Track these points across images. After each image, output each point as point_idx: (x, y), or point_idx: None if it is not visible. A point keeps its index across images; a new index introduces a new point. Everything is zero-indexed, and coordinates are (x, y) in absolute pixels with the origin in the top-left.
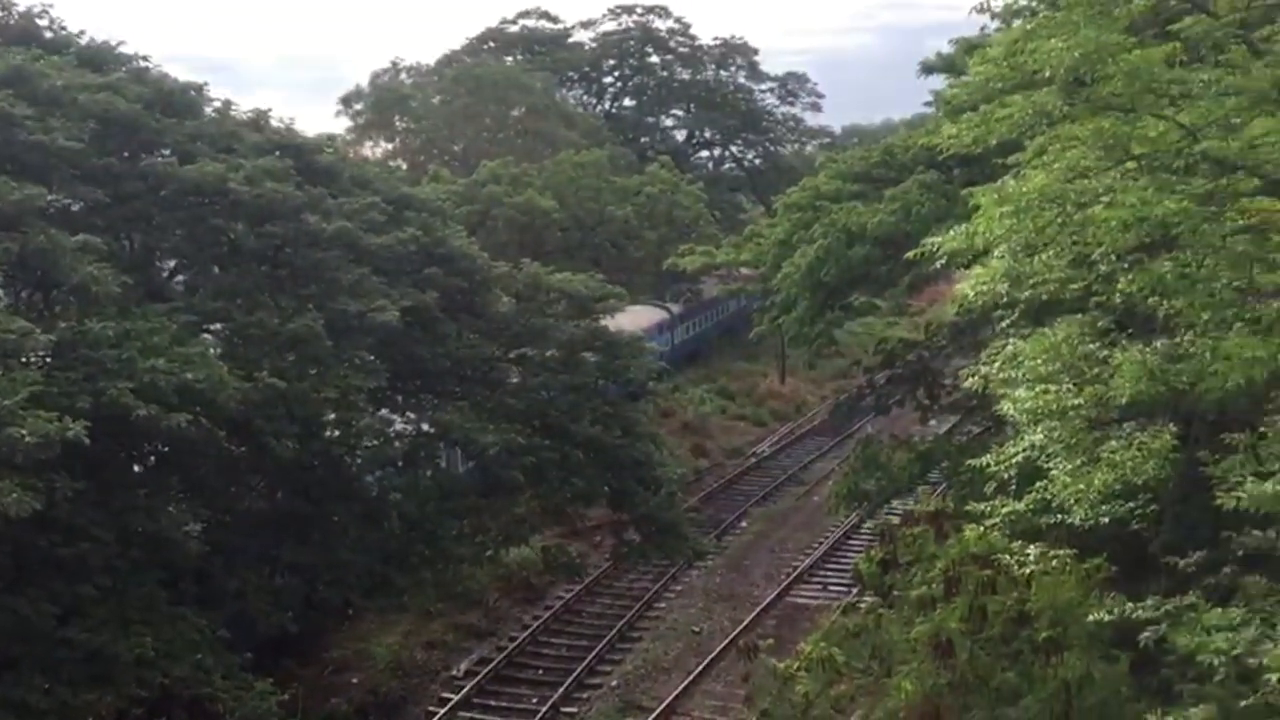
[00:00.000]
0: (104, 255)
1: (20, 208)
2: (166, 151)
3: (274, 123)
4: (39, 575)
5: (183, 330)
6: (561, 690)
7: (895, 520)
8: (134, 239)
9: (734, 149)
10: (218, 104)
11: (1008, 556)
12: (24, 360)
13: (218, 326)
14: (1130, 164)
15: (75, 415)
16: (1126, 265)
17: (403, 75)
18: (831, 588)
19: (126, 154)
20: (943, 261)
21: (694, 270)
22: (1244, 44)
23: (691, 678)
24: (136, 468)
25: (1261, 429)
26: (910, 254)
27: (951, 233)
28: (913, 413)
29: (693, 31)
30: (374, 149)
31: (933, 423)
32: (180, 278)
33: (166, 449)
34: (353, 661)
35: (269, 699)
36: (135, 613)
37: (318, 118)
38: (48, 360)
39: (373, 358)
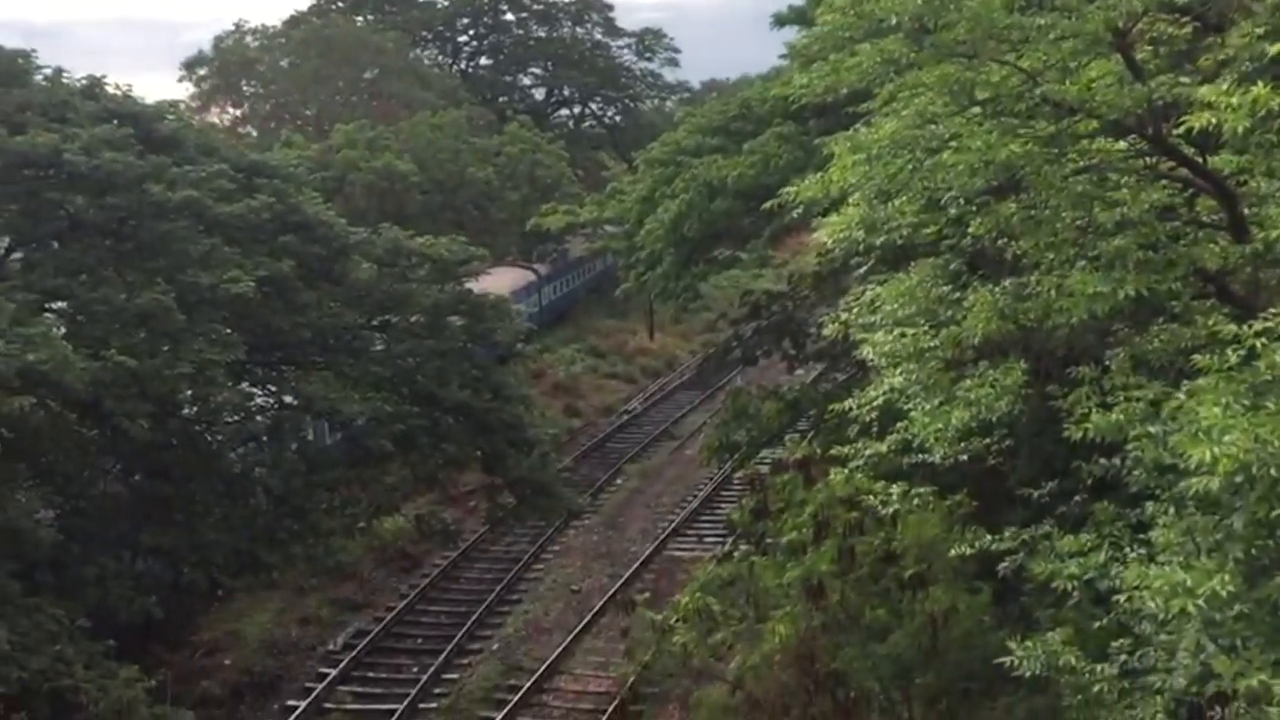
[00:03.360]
0: None
1: None
2: None
3: (110, 90)
4: None
5: (22, 310)
6: (442, 657)
7: (766, 469)
8: None
9: (593, 106)
10: (48, 72)
11: (873, 498)
12: None
13: (60, 305)
14: (975, 109)
15: None
16: (975, 208)
17: (248, 39)
18: (707, 539)
19: None
20: (800, 210)
21: (558, 230)
22: None
23: (572, 636)
24: None
25: (1105, 362)
26: (767, 204)
27: (807, 181)
28: (780, 363)
29: None
30: (221, 115)
31: (799, 372)
32: (16, 255)
33: (11, 435)
34: (224, 643)
35: (135, 686)
36: None
37: (159, 85)
38: None
39: (229, 331)
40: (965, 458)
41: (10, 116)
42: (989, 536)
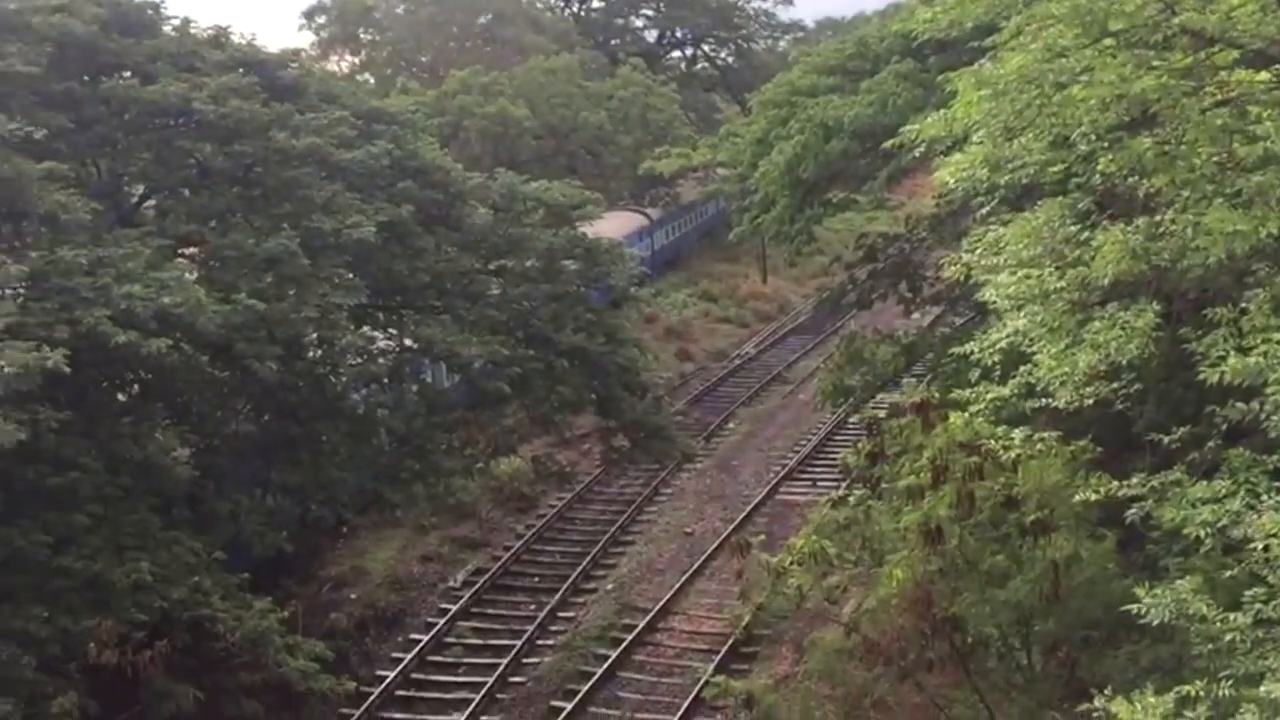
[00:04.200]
0: (71, 182)
1: None
2: (127, 73)
3: (235, 39)
4: (29, 506)
5: (156, 255)
6: (558, 596)
7: (882, 413)
8: (100, 165)
9: (706, 48)
10: (176, 22)
11: (994, 442)
12: None
13: (192, 250)
14: (1108, 41)
15: (53, 345)
16: (1106, 145)
17: None
18: (820, 483)
19: (86, 77)
20: (921, 150)
21: (670, 173)
22: None
23: (685, 578)
24: (120, 396)
25: (1242, 304)
26: (888, 143)
27: (929, 120)
28: (895, 306)
29: None
30: (339, 63)
31: (915, 315)
32: (150, 202)
33: (149, 376)
34: (350, 578)
35: (268, 617)
36: (130, 539)
37: (279, 33)
38: (21, 291)
39: (351, 275)
40: (1091, 402)
41: (142, 66)
42: (1115, 483)
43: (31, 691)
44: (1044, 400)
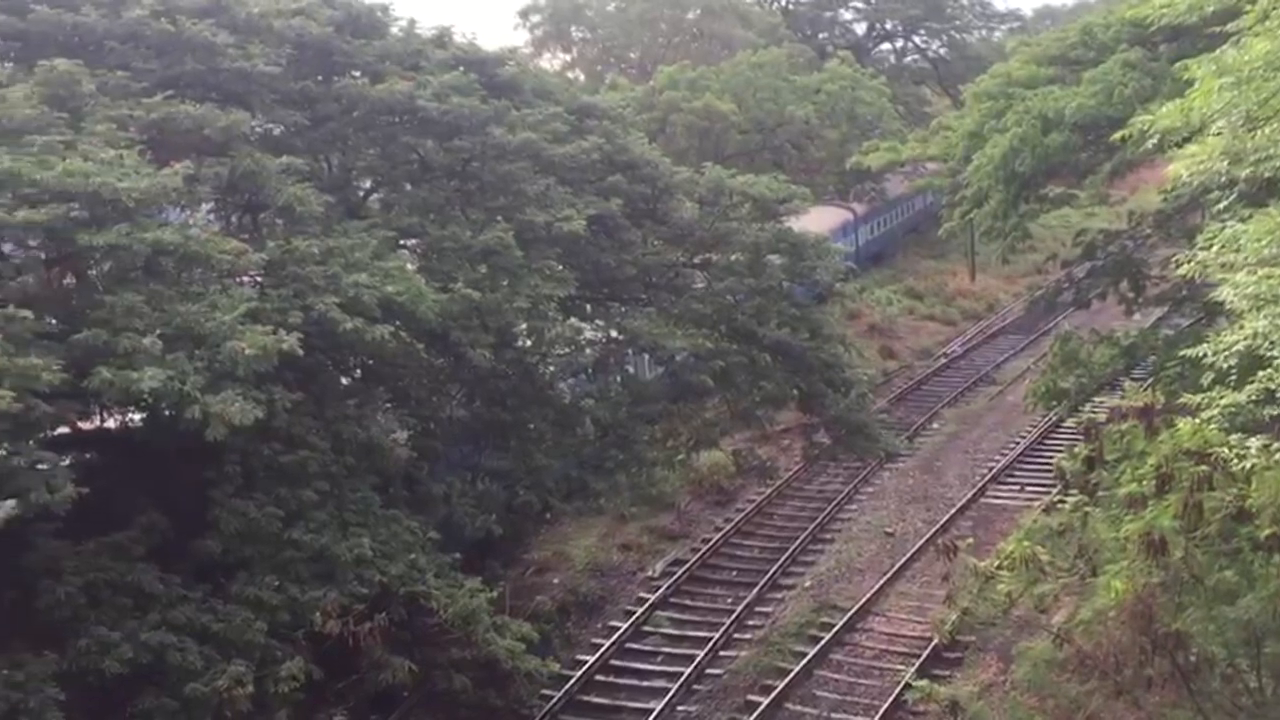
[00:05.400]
0: (305, 176)
1: (227, 133)
2: (357, 73)
3: (457, 38)
4: (264, 481)
5: (381, 246)
6: (756, 590)
7: (1100, 417)
8: (332, 159)
9: (917, 39)
10: (402, 23)
11: (1226, 450)
12: (239, 279)
13: (413, 241)
14: None
15: (288, 329)
16: None
17: None
18: (1030, 488)
19: (321, 77)
20: (1154, 142)
21: (878, 168)
22: None
23: (885, 578)
24: (344, 380)
25: None
26: (1118, 134)
27: (1164, 109)
28: (1113, 306)
29: None
30: (552, 60)
31: (1136, 316)
32: (376, 195)
33: (371, 361)
34: (552, 563)
35: (479, 596)
36: (353, 515)
37: (497, 31)
38: (259, 279)
39: (561, 267)
40: None
41: (371, 66)
42: None
43: (263, 655)
44: None
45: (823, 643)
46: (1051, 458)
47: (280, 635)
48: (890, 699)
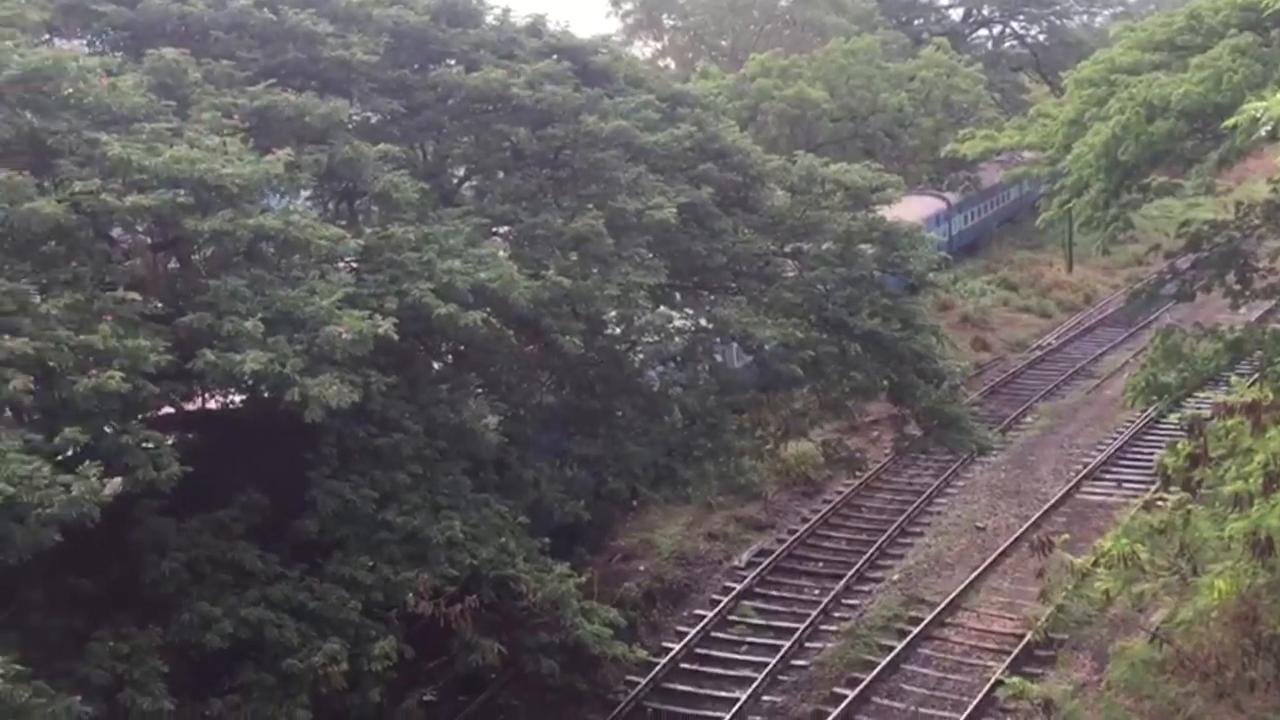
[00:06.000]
0: (401, 163)
1: (327, 121)
2: (453, 61)
3: (551, 27)
4: (359, 463)
5: (475, 233)
6: (843, 583)
7: (1203, 413)
8: (427, 147)
9: (1015, 25)
10: (497, 11)
11: None
12: (336, 264)
13: (505, 229)
14: None
15: (384, 314)
16: None
17: None
18: (1127, 485)
19: (417, 65)
20: (1266, 130)
21: (974, 156)
22: None
23: (976, 573)
24: (436, 365)
25: None
26: (1227, 123)
27: (1276, 97)
28: (1218, 300)
29: None
30: (643, 49)
31: (1242, 310)
32: (470, 183)
33: (463, 347)
34: (639, 551)
35: (567, 581)
36: (444, 498)
37: (590, 19)
38: (355, 265)
39: (651, 255)
40: None
41: (466, 55)
42: None
43: (357, 633)
44: None
45: (910, 637)
46: (1150, 454)
47: (374, 615)
48: (980, 695)
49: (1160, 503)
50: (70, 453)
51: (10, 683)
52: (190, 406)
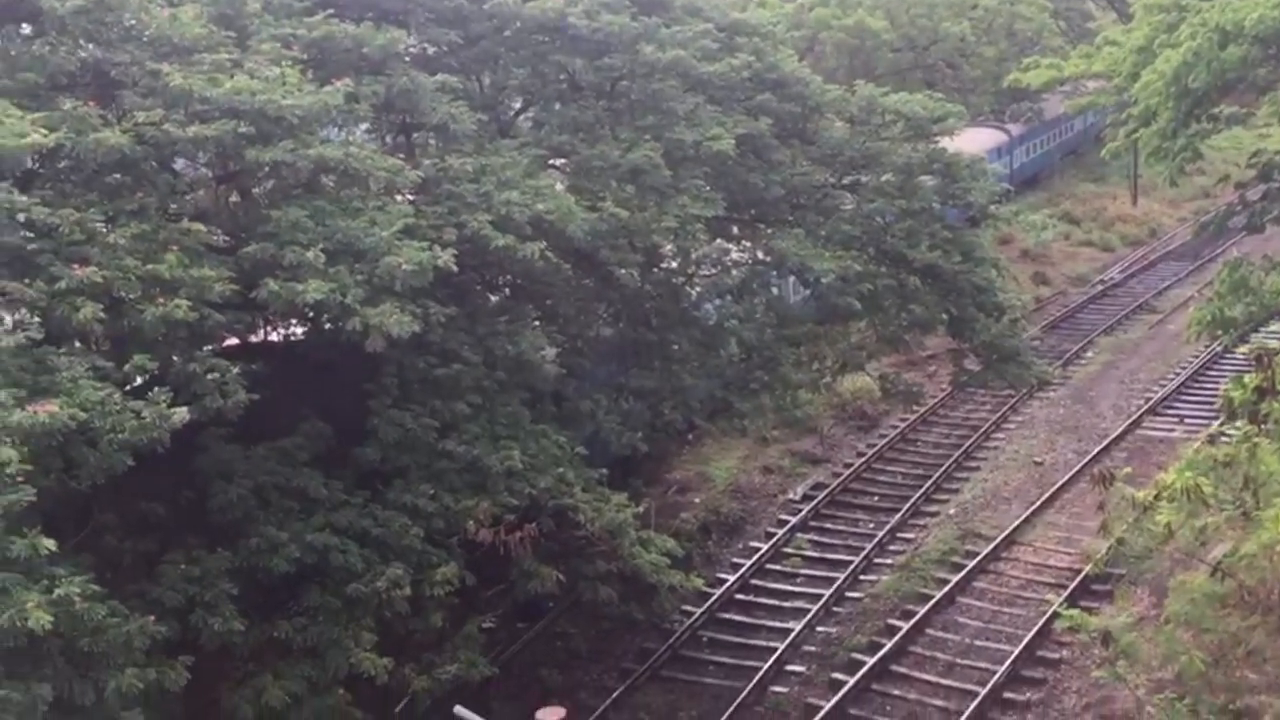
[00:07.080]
0: (459, 95)
1: (384, 52)
2: None
3: None
4: (419, 393)
5: (532, 164)
6: (898, 516)
7: (1271, 345)
8: (483, 79)
9: None
10: None
11: None
12: (395, 196)
13: (562, 160)
14: None
15: (443, 246)
16: None
17: None
18: (1189, 420)
19: None
20: None
21: (1037, 86)
22: None
23: (1033, 508)
24: (493, 297)
25: None
26: None
27: None
28: None
29: None
30: None
31: None
32: (526, 114)
33: (520, 279)
34: (694, 483)
35: (624, 511)
36: (503, 429)
37: None
38: (413, 197)
39: (709, 187)
40: None
41: None
42: None
43: (419, 559)
44: None
45: (966, 570)
46: (1214, 389)
47: (435, 542)
48: (1035, 629)
49: (1225, 437)
50: (139, 381)
51: (87, 602)
52: (253, 339)
